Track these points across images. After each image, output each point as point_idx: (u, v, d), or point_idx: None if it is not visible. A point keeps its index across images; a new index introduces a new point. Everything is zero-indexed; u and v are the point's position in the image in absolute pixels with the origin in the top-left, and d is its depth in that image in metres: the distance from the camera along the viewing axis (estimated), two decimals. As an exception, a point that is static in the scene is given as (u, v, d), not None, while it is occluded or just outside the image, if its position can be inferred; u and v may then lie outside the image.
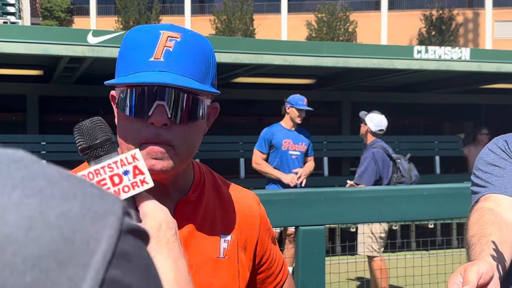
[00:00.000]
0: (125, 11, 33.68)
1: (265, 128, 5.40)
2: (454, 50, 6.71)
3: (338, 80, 8.17)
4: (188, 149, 1.03)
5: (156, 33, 1.00)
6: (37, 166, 0.40)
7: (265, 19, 36.11)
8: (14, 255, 0.35)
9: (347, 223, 4.79)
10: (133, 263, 0.41)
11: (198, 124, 1.04)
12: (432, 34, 33.14)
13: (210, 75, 1.04)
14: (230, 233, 1.14)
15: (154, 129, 0.99)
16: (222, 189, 1.18)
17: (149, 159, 1.00)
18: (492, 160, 1.55)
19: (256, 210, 1.20)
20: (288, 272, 1.32)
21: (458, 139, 9.15)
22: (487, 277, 1.11)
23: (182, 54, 0.99)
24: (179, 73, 0.98)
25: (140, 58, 0.99)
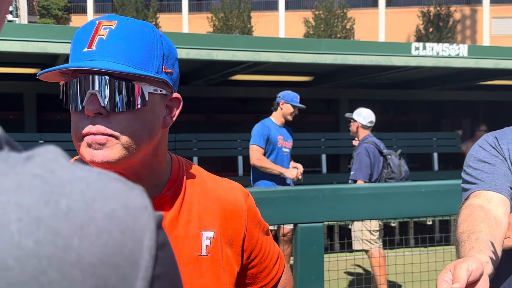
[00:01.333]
0: (122, 9, 33.62)
1: (259, 123, 5.27)
2: (452, 47, 6.71)
3: (335, 77, 8.17)
4: (133, 138, 0.97)
5: (93, 23, 0.98)
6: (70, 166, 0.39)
7: (263, 16, 36.07)
8: (72, 266, 0.35)
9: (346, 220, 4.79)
10: (166, 253, 0.41)
11: (141, 112, 0.98)
12: (429, 31, 33.14)
13: (154, 62, 0.99)
14: (213, 229, 1.10)
15: (90, 120, 0.96)
16: (206, 183, 1.14)
17: (89, 150, 0.97)
18: (482, 157, 1.54)
19: (242, 203, 1.15)
20: (286, 265, 1.28)
21: (456, 136, 9.16)
22: (477, 274, 1.10)
23: (115, 41, 0.96)
24: (111, 60, 0.95)
25: (76, 51, 0.98)
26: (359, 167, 4.86)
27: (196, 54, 5.79)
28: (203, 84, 8.25)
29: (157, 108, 1.02)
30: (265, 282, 1.23)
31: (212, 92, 8.70)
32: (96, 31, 0.96)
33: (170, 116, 1.07)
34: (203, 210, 1.11)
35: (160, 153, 1.07)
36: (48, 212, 0.35)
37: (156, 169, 1.07)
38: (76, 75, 0.98)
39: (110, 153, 0.97)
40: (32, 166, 0.37)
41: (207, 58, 5.89)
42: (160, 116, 1.03)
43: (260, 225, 1.20)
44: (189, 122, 8.85)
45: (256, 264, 1.20)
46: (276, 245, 1.26)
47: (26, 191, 0.36)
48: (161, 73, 1.00)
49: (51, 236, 0.35)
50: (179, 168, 1.12)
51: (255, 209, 1.20)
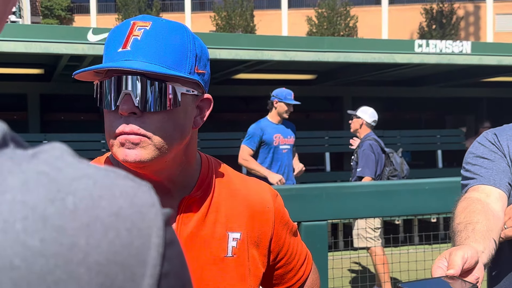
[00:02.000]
0: (125, 9, 33.65)
1: (253, 124, 5.24)
2: (455, 44, 6.69)
3: (339, 75, 8.16)
4: (165, 139, 0.98)
5: (127, 24, 0.98)
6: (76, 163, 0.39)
7: (266, 15, 36.04)
8: (79, 265, 0.34)
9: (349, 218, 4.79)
10: (174, 250, 0.41)
11: (174, 113, 0.99)
12: (433, 28, 33.06)
13: (187, 63, 0.99)
14: (239, 231, 1.10)
15: (124, 119, 0.97)
16: (234, 184, 1.14)
17: (122, 150, 0.97)
18: (481, 153, 1.54)
19: (270, 204, 1.14)
20: (313, 266, 1.27)
21: (460, 133, 9.14)
22: (472, 261, 1.10)
23: (150, 42, 0.96)
24: (145, 61, 0.95)
25: (111, 51, 0.98)
26: (365, 163, 4.85)
27: (199, 53, 5.79)
28: (206, 83, 8.25)
29: (189, 109, 1.02)
30: (292, 282, 1.23)
31: (215, 91, 8.67)
32: (131, 32, 0.97)
33: (201, 117, 1.07)
34: (230, 211, 1.10)
35: (191, 153, 1.07)
36: (54, 210, 0.35)
37: (187, 169, 1.07)
38: (111, 74, 0.98)
39: (144, 153, 0.97)
40: (38, 164, 0.37)
41: (210, 57, 5.87)
42: (191, 117, 1.04)
43: (288, 226, 1.19)
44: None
45: (282, 265, 1.19)
46: (304, 246, 1.26)
47: (31, 189, 0.35)
48: (193, 73, 1.01)
49: (57, 234, 0.34)
50: (208, 168, 1.12)
51: (283, 210, 1.18)
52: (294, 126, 5.42)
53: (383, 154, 4.98)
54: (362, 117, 5.04)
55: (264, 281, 1.18)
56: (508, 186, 1.47)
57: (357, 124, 5.08)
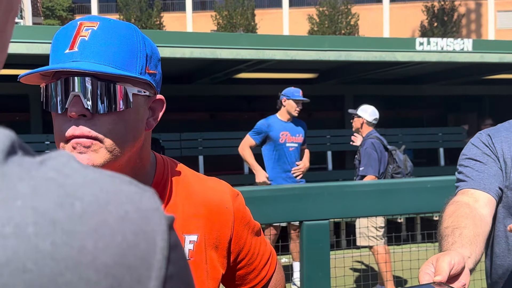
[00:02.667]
0: (127, 9, 33.66)
1: (262, 120, 5.30)
2: (457, 41, 6.68)
3: (340, 74, 8.16)
4: (117, 141, 0.96)
5: (74, 24, 0.96)
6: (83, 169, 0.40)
7: (267, 14, 36.03)
8: (88, 267, 0.35)
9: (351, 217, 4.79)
10: (178, 253, 0.42)
11: (125, 114, 0.97)
12: (434, 25, 33.01)
13: (137, 63, 0.97)
14: (197, 233, 1.08)
15: (73, 122, 0.95)
16: (192, 185, 1.12)
17: (74, 155, 0.94)
18: (473, 155, 1.54)
19: (229, 205, 1.12)
20: (277, 265, 1.25)
21: (462, 131, 9.13)
22: (459, 267, 1.10)
23: (97, 42, 0.94)
24: (94, 61, 0.93)
25: (57, 53, 0.96)
26: (368, 162, 4.85)
27: (200, 53, 5.80)
28: (208, 82, 8.26)
29: (141, 110, 1.00)
30: (255, 283, 1.20)
31: (216, 91, 8.71)
32: (78, 32, 0.95)
33: (154, 118, 1.05)
34: (187, 213, 1.08)
35: (145, 155, 1.05)
36: (63, 215, 0.36)
37: (140, 172, 1.05)
38: (59, 76, 0.96)
39: (96, 156, 0.95)
40: (46, 170, 0.38)
41: (211, 56, 5.89)
42: (144, 118, 1.02)
43: (249, 226, 1.17)
44: (194, 120, 8.86)
45: (244, 265, 1.17)
46: (268, 245, 1.24)
47: (41, 195, 0.36)
48: (144, 74, 0.99)
49: (67, 238, 0.35)
50: (163, 169, 1.10)
51: (244, 209, 1.16)
52: (304, 125, 5.43)
53: (386, 152, 4.98)
54: (362, 116, 5.04)
55: (226, 281, 1.16)
56: (498, 190, 1.47)
57: (358, 123, 5.09)
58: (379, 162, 4.88)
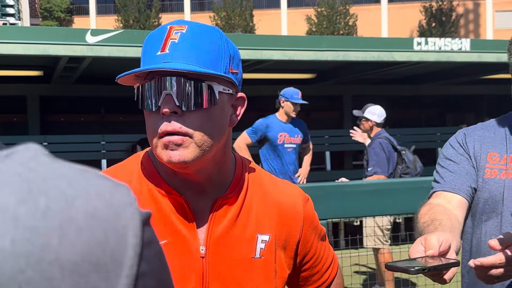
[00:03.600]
0: (125, 10, 33.65)
1: (261, 119, 5.28)
2: (454, 41, 6.68)
3: (338, 74, 8.15)
4: (206, 137, 1.02)
5: (164, 28, 1.03)
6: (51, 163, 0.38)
7: (265, 14, 36.05)
8: (51, 265, 0.34)
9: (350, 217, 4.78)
10: (153, 250, 0.40)
11: (212, 111, 1.03)
12: (432, 25, 33.05)
13: (222, 63, 1.03)
14: (268, 233, 1.12)
15: (166, 119, 1.00)
16: (266, 186, 1.16)
17: (166, 152, 1.01)
18: (449, 155, 1.56)
19: (300, 209, 1.16)
20: (338, 270, 1.30)
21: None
22: (446, 245, 1.14)
23: (187, 44, 1.00)
24: (183, 62, 0.99)
25: (149, 55, 1.02)
26: (376, 162, 4.80)
27: (198, 53, 5.78)
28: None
29: (225, 107, 1.06)
30: (317, 285, 1.25)
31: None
32: (168, 35, 1.01)
33: (236, 115, 1.10)
34: (261, 213, 1.12)
35: (227, 151, 1.11)
36: (25, 211, 0.35)
37: (223, 169, 1.10)
38: (152, 77, 1.02)
39: (186, 152, 1.01)
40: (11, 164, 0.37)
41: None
42: (228, 115, 1.08)
43: (316, 231, 1.21)
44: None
45: (308, 268, 1.22)
46: (331, 249, 1.28)
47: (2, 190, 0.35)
48: (228, 73, 1.05)
49: (29, 234, 0.34)
50: (242, 168, 1.15)
51: (313, 214, 1.20)
52: (304, 124, 5.40)
53: (395, 152, 4.93)
54: (371, 119, 4.97)
55: (289, 282, 1.20)
56: (469, 189, 1.49)
57: (367, 126, 5.02)
58: (387, 162, 4.83)
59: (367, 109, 5.01)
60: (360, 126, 5.11)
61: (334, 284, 1.28)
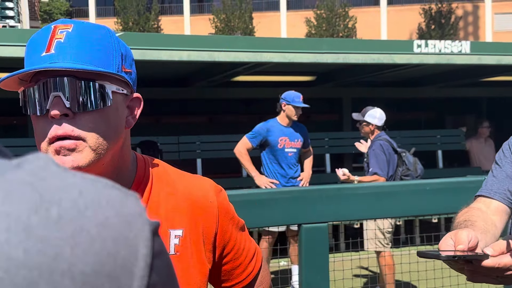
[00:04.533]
0: (124, 12, 33.66)
1: (262, 123, 5.27)
2: (454, 44, 6.68)
3: (338, 76, 8.15)
4: (101, 139, 0.97)
5: (48, 28, 0.98)
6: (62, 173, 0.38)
7: (264, 17, 36.06)
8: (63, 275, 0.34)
9: (350, 220, 4.77)
10: (163, 260, 0.40)
11: (106, 112, 0.98)
12: (432, 28, 33.07)
13: (113, 62, 0.99)
14: (181, 227, 1.09)
15: (56, 122, 0.95)
16: (174, 181, 1.13)
17: (58, 158, 0.95)
18: (498, 158, 1.57)
19: (213, 199, 1.13)
20: (262, 263, 1.26)
21: (460, 133, 9.13)
22: (475, 241, 1.17)
23: (74, 43, 0.96)
24: (71, 61, 0.95)
25: (33, 56, 0.97)
26: (376, 164, 4.80)
27: (198, 55, 5.78)
28: (206, 85, 8.25)
29: (120, 108, 1.02)
30: (241, 278, 1.21)
31: (214, 94, 8.70)
32: (53, 35, 0.96)
33: (132, 116, 1.06)
34: (170, 208, 1.09)
35: (125, 154, 1.07)
36: (37, 221, 0.34)
37: (122, 170, 1.06)
38: (37, 79, 0.97)
39: (80, 157, 0.96)
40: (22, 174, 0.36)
41: (208, 59, 5.88)
42: (123, 116, 1.04)
43: (233, 221, 1.17)
44: (191, 123, 8.85)
45: (229, 260, 1.18)
46: (252, 241, 1.25)
47: (15, 200, 0.35)
48: (121, 72, 1.01)
49: (41, 245, 0.34)
50: (144, 167, 1.11)
51: (227, 204, 1.17)
52: (304, 128, 5.39)
53: (395, 154, 4.93)
54: (372, 122, 4.97)
55: (212, 277, 1.17)
56: (506, 193, 1.49)
57: (368, 130, 5.01)
58: (388, 164, 4.83)
59: (367, 112, 5.00)
60: (360, 130, 5.10)
61: (259, 277, 1.24)
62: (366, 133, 5.05)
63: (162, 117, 8.56)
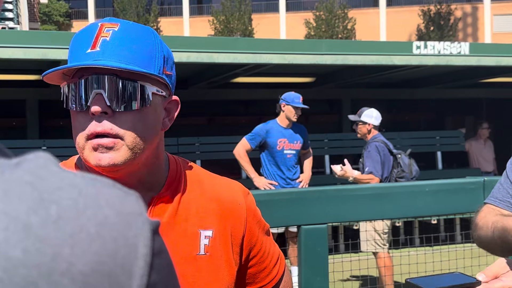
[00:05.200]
0: (124, 14, 33.68)
1: (261, 124, 5.26)
2: (453, 45, 6.69)
3: (337, 77, 8.16)
4: (138, 139, 0.98)
5: (95, 26, 0.98)
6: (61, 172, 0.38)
7: (264, 18, 36.08)
8: (62, 275, 0.33)
9: (349, 221, 4.77)
10: (162, 259, 0.40)
11: (145, 112, 0.99)
12: (431, 29, 33.10)
13: (156, 63, 1.00)
14: (211, 228, 1.09)
15: (95, 119, 0.96)
16: (204, 183, 1.14)
17: (95, 154, 0.96)
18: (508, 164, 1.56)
19: (242, 201, 1.14)
20: (286, 268, 1.26)
21: (459, 134, 9.13)
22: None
23: (119, 42, 0.96)
24: (115, 60, 0.95)
25: (79, 52, 0.98)
26: (372, 165, 4.80)
27: (197, 57, 5.79)
28: (205, 87, 8.25)
29: (158, 109, 1.03)
30: (265, 282, 1.21)
31: (214, 95, 8.70)
32: (99, 33, 0.97)
33: (169, 118, 1.07)
34: (201, 209, 1.10)
35: (160, 154, 1.08)
36: (37, 220, 0.34)
37: (155, 170, 1.07)
38: (80, 75, 0.97)
39: (117, 155, 0.96)
40: (21, 173, 0.36)
41: (208, 61, 5.88)
42: (160, 118, 1.04)
43: (260, 224, 1.18)
44: (191, 125, 8.85)
45: (255, 263, 1.18)
46: (276, 246, 1.25)
47: (14, 199, 0.34)
48: (162, 74, 1.01)
49: (40, 244, 0.33)
50: (176, 168, 1.12)
51: (255, 207, 1.18)
52: (304, 130, 5.37)
53: (390, 155, 4.93)
54: (369, 122, 4.96)
55: (237, 280, 1.17)
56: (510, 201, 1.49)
57: (365, 130, 5.00)
58: (382, 165, 4.83)
59: (364, 112, 5.00)
60: (356, 131, 5.10)
61: (283, 282, 1.24)
62: (363, 134, 5.04)
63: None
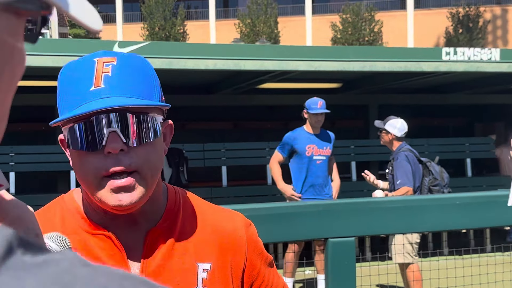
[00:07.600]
0: (151, 18, 34.01)
1: (288, 133, 5.28)
2: (484, 51, 6.57)
3: (364, 83, 8.09)
4: (153, 171, 0.98)
5: (91, 62, 0.97)
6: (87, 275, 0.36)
7: (290, 21, 36.06)
8: None
9: (377, 234, 4.71)
10: None
11: (156, 143, 0.99)
12: (459, 32, 32.65)
13: (155, 92, 1.00)
14: (210, 261, 1.06)
15: (112, 158, 0.95)
16: (204, 214, 1.11)
17: (115, 196, 0.95)
18: None
19: (242, 233, 1.11)
20: None
21: (489, 141, 8.97)
22: None
23: (121, 76, 0.96)
24: (123, 95, 0.95)
25: (81, 91, 0.95)
26: (404, 175, 4.73)
27: (224, 64, 5.79)
28: (231, 92, 8.27)
29: (162, 137, 1.03)
30: None
31: (239, 100, 8.71)
32: (99, 69, 0.96)
33: (166, 143, 1.06)
34: (199, 241, 1.07)
35: (158, 185, 1.06)
36: None
37: (156, 199, 1.05)
38: (88, 115, 0.95)
39: (136, 193, 0.96)
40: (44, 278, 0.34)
41: (234, 68, 5.88)
42: (164, 144, 1.05)
43: (262, 256, 1.15)
44: (216, 130, 8.88)
45: None
46: (280, 278, 1.21)
47: None
48: (162, 102, 1.02)
49: None
50: (175, 198, 1.10)
51: (256, 239, 1.15)
52: (332, 136, 5.35)
53: (419, 164, 4.86)
54: (391, 131, 4.90)
55: None
56: None
57: (387, 139, 4.96)
58: (413, 175, 4.76)
59: (388, 121, 4.94)
60: (380, 138, 5.06)
61: None
62: (386, 142, 5.00)
63: (187, 124, 8.61)
